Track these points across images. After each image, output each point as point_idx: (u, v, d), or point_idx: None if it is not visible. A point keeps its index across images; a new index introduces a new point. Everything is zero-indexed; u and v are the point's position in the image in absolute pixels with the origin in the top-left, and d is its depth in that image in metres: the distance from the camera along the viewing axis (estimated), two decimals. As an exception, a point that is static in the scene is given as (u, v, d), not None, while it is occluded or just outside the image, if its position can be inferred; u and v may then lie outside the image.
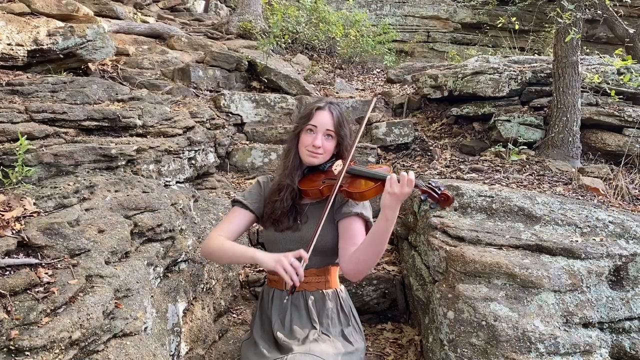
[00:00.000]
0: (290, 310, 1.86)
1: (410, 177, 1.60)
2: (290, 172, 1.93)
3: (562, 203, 2.63)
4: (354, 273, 1.76)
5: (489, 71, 4.67)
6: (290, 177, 1.92)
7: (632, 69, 4.64)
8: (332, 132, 1.92)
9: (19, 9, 4.13)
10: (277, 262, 1.64)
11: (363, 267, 1.74)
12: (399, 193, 1.60)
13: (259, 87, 5.64)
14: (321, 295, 1.89)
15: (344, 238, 1.84)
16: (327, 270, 1.94)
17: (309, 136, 1.92)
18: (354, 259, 1.74)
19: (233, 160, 4.16)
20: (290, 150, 1.98)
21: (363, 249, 1.71)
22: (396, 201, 1.62)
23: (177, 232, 2.31)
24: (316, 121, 1.91)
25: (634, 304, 2.11)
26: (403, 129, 4.55)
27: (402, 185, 1.59)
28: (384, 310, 3.03)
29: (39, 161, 2.12)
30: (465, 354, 1.96)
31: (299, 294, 1.88)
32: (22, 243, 1.65)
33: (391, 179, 1.62)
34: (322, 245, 1.86)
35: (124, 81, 4.49)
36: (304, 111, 2.00)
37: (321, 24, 7.80)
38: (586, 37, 8.53)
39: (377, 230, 1.66)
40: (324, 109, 1.93)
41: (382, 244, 1.68)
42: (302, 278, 1.62)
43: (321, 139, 1.90)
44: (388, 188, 1.62)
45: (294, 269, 1.61)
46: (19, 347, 1.28)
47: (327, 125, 1.91)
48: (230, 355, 2.38)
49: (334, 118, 1.93)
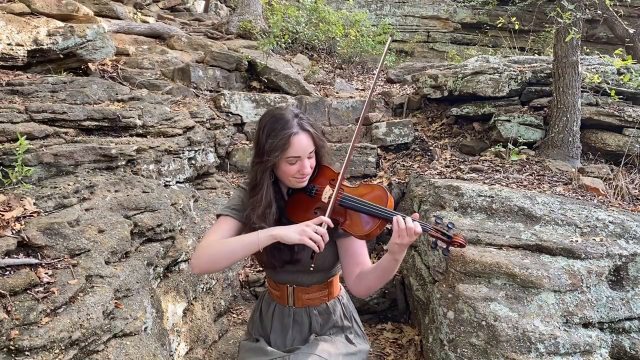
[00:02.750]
0: (293, 328, 1.83)
1: (417, 230, 1.50)
2: (262, 212, 1.65)
3: (562, 203, 2.63)
4: (364, 294, 1.74)
5: (489, 71, 4.67)
6: (262, 219, 1.65)
7: (632, 69, 4.64)
8: (313, 151, 1.71)
9: (19, 9, 4.13)
10: (302, 233, 1.49)
11: (373, 290, 1.73)
12: (407, 243, 1.53)
13: (259, 87, 5.64)
14: (324, 308, 1.86)
15: (346, 258, 1.76)
16: (330, 283, 1.89)
17: (292, 166, 1.66)
18: (365, 285, 1.70)
19: (233, 160, 4.16)
20: (259, 186, 1.67)
21: (373, 279, 1.67)
22: (404, 248, 1.55)
23: (177, 232, 2.31)
24: (297, 151, 1.64)
25: (634, 304, 2.11)
26: (403, 129, 4.55)
27: (410, 235, 1.51)
28: (384, 310, 3.03)
29: (39, 161, 2.12)
30: (465, 354, 1.96)
31: (302, 311, 1.84)
32: (22, 243, 1.65)
33: (399, 230, 1.50)
34: (324, 265, 1.80)
35: (124, 81, 4.49)
36: (273, 139, 1.63)
37: (321, 24, 7.80)
38: (586, 37, 8.53)
39: (387, 266, 1.61)
40: (299, 133, 1.65)
41: (391, 275, 1.65)
42: (327, 240, 1.50)
43: (307, 163, 1.68)
44: (396, 239, 1.52)
45: (321, 235, 1.49)
46: (19, 347, 1.28)
47: (309, 149, 1.67)
48: (230, 355, 2.38)
49: (312, 136, 1.69)
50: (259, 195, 1.67)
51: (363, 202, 1.61)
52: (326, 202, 1.64)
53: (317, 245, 1.48)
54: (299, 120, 1.68)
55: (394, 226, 1.52)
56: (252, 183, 1.71)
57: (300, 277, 1.80)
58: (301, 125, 1.67)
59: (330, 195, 1.64)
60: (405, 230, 1.49)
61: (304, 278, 1.81)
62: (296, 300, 1.83)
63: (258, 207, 1.65)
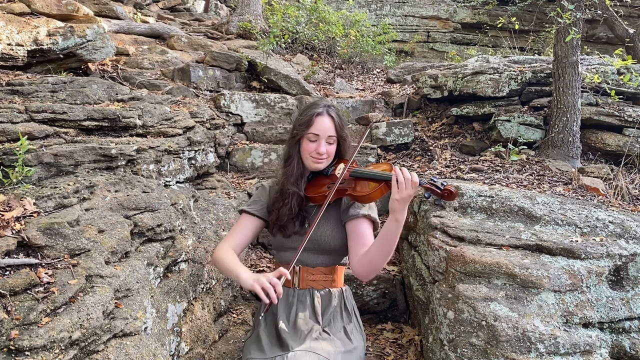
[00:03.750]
0: (297, 306, 1.89)
1: (415, 180, 1.62)
2: (295, 180, 1.90)
3: (562, 203, 2.63)
4: (366, 273, 1.80)
5: (489, 71, 4.67)
6: (296, 185, 1.90)
7: (632, 69, 4.64)
8: (334, 136, 1.92)
9: (19, 9, 4.13)
10: (255, 281, 1.65)
11: (374, 267, 1.77)
12: (405, 196, 1.63)
13: (259, 87, 5.64)
14: (328, 294, 1.93)
15: (352, 240, 1.87)
16: (335, 269, 1.97)
17: (311, 144, 1.90)
18: (366, 259, 1.77)
19: (233, 160, 4.16)
20: (291, 157, 1.94)
21: (374, 250, 1.74)
22: (404, 204, 1.65)
23: (177, 232, 2.31)
24: (317, 129, 1.88)
25: (634, 304, 2.11)
26: (403, 129, 4.55)
27: (408, 187, 1.62)
28: (384, 310, 3.03)
29: (39, 161, 2.12)
30: (465, 354, 1.96)
31: (306, 292, 1.91)
32: (22, 243, 1.65)
33: (397, 183, 1.63)
34: (331, 245, 1.91)
35: (124, 81, 4.49)
36: (302, 116, 1.93)
37: (321, 24, 7.79)
38: (586, 37, 8.54)
39: (388, 231, 1.69)
40: (323, 115, 1.90)
41: (392, 244, 1.71)
42: (280, 295, 1.61)
43: (324, 145, 1.89)
44: (395, 194, 1.64)
45: (272, 286, 1.61)
46: (19, 347, 1.28)
47: (329, 132, 1.90)
48: (230, 355, 2.38)
49: (335, 122, 1.92)
50: (291, 166, 1.93)
51: (370, 170, 1.84)
52: (339, 176, 1.87)
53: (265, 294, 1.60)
54: (327, 108, 1.93)
55: (393, 179, 1.65)
56: (285, 156, 1.99)
57: (308, 257, 1.90)
58: (327, 110, 1.92)
59: (342, 169, 1.89)
60: (404, 182, 1.62)
61: (312, 258, 1.91)
62: (300, 281, 1.92)
63: (291, 175, 1.91)
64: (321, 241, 1.90)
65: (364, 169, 1.89)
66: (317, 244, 1.89)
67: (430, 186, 1.66)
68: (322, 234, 1.90)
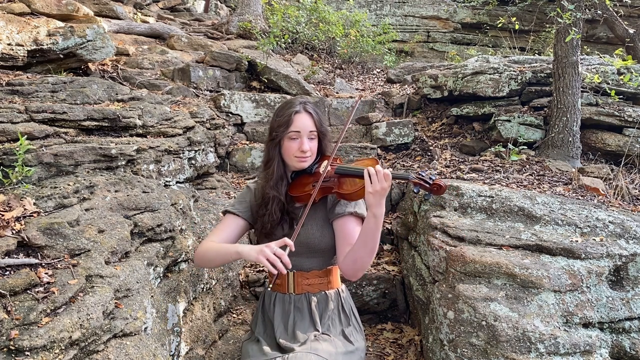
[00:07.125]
0: (294, 313, 1.86)
1: (386, 172, 1.61)
2: (275, 183, 1.86)
3: (562, 203, 2.63)
4: (352, 272, 1.76)
5: (489, 71, 4.67)
6: (276, 189, 1.85)
7: (632, 69, 4.64)
8: (314, 132, 1.89)
9: (19, 9, 4.13)
10: (259, 252, 1.58)
11: (359, 265, 1.73)
12: (379, 189, 1.61)
13: (259, 87, 5.64)
14: (324, 297, 1.90)
15: (339, 238, 1.84)
16: (329, 271, 1.94)
17: (293, 143, 1.86)
18: (350, 258, 1.74)
19: (233, 160, 4.16)
20: (271, 160, 1.89)
21: (357, 248, 1.71)
22: (379, 198, 1.62)
23: (177, 232, 2.31)
24: (297, 126, 1.84)
25: (634, 304, 2.11)
26: (403, 129, 4.55)
27: (381, 180, 1.60)
28: (384, 310, 3.03)
29: (39, 161, 2.12)
30: (465, 354, 1.96)
31: (302, 297, 1.88)
32: (22, 243, 1.65)
33: (370, 177, 1.62)
34: (321, 246, 1.87)
35: (124, 81, 4.49)
36: (279, 117, 1.88)
37: (321, 24, 7.79)
38: (586, 37, 8.54)
39: (367, 228, 1.66)
40: (301, 112, 1.87)
41: (374, 240, 1.67)
42: (288, 265, 1.56)
43: (307, 142, 1.86)
44: (369, 187, 1.61)
45: (278, 256, 1.55)
46: (19, 347, 1.28)
47: (309, 128, 1.86)
48: (230, 355, 2.38)
49: (313, 118, 1.88)
50: (271, 169, 1.89)
51: (353, 167, 1.81)
52: (322, 173, 1.83)
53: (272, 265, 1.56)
54: (304, 105, 1.90)
55: (365, 172, 1.65)
56: (265, 159, 1.95)
57: (299, 261, 1.87)
58: (304, 107, 1.89)
59: (325, 166, 1.84)
60: (375, 175, 1.62)
61: (304, 262, 1.88)
62: (296, 287, 1.89)
63: (271, 179, 1.87)
64: (310, 243, 1.86)
65: (348, 165, 1.86)
66: (307, 247, 1.85)
67: (419, 181, 1.64)
68: (311, 235, 1.86)
